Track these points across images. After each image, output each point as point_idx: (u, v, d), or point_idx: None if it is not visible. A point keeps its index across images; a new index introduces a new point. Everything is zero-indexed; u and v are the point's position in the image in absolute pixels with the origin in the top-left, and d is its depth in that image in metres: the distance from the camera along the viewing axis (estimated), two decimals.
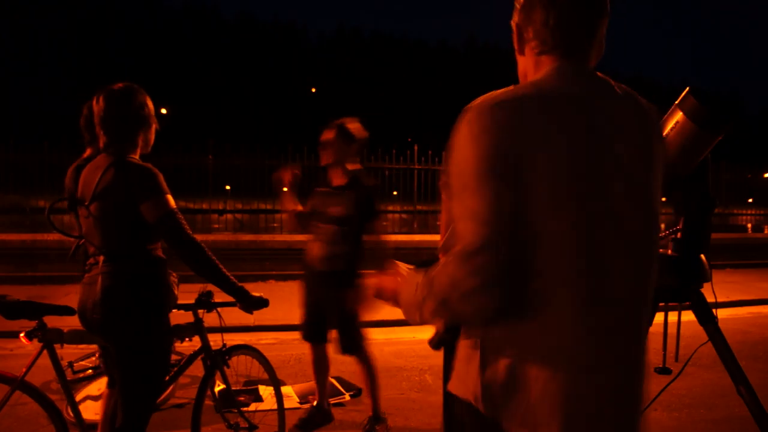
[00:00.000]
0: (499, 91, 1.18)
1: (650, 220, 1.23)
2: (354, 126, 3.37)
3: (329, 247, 3.29)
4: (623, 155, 1.18)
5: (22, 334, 2.39)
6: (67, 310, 2.37)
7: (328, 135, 3.33)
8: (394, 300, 1.31)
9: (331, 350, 3.48)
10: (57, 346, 2.43)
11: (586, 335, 1.15)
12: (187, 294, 2.65)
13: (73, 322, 2.44)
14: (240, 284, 2.43)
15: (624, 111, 1.22)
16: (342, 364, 3.82)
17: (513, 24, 1.30)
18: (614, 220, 1.16)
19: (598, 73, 1.25)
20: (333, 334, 3.40)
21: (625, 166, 1.18)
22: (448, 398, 1.30)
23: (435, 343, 1.47)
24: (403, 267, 1.35)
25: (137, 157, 2.31)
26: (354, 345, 3.33)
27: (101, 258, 2.22)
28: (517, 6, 1.28)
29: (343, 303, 3.28)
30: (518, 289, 1.11)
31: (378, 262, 3.26)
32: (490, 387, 1.17)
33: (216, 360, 2.73)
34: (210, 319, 2.76)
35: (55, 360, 2.40)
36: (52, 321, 2.39)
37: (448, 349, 2.04)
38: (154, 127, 2.38)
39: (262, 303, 2.53)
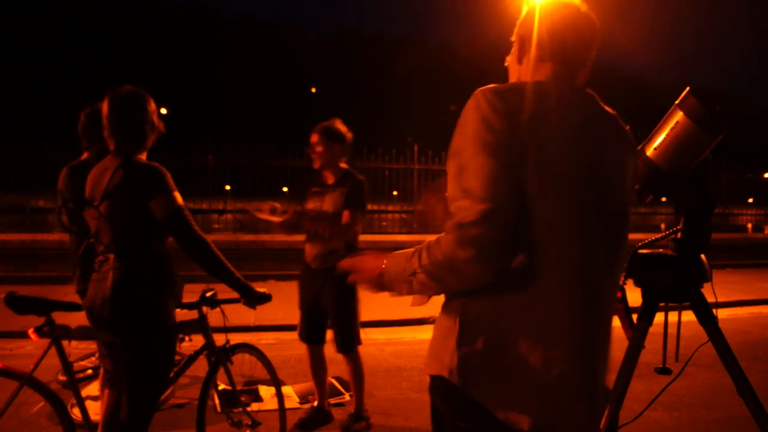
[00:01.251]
0: (497, 84, 1.28)
1: (624, 217, 1.35)
2: (337, 126, 3.41)
3: (324, 245, 3.32)
4: (605, 157, 1.30)
5: (30, 330, 2.41)
6: (74, 306, 2.44)
7: (313, 139, 3.39)
8: (378, 279, 1.32)
9: (328, 350, 3.49)
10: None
11: (572, 313, 1.22)
12: (191, 294, 2.68)
13: (75, 322, 2.45)
14: (245, 280, 2.50)
15: (605, 121, 1.35)
16: (342, 364, 3.81)
17: (515, 36, 1.43)
18: (597, 211, 1.26)
19: (587, 89, 1.38)
20: (330, 333, 3.42)
21: (606, 166, 1.30)
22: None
23: None
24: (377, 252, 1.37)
25: (144, 157, 2.38)
26: (350, 343, 3.35)
27: (111, 256, 2.27)
28: (520, 21, 1.42)
29: (341, 301, 3.30)
30: (509, 263, 1.17)
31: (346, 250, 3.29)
32: (466, 359, 1.20)
33: (220, 356, 2.75)
34: (212, 319, 2.77)
35: (62, 356, 2.42)
36: (55, 319, 2.40)
37: None
38: (157, 129, 2.44)
39: (266, 298, 2.61)
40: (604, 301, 1.29)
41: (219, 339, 2.79)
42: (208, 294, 2.73)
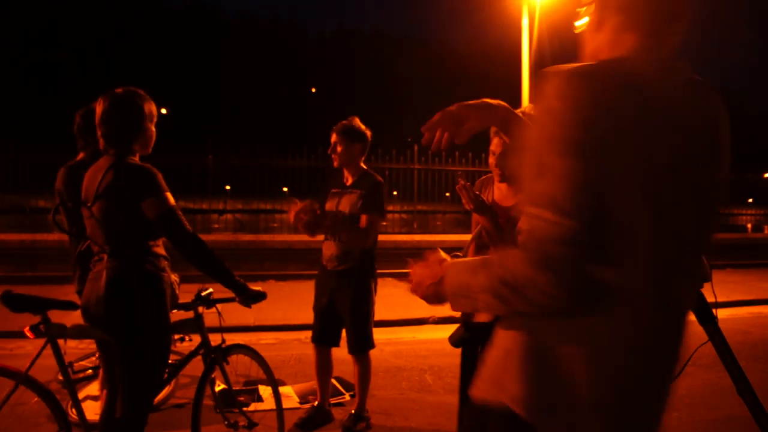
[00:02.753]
0: (583, 64, 1.07)
1: (712, 218, 1.17)
2: (356, 125, 3.40)
3: (339, 246, 3.31)
4: (695, 147, 1.09)
5: (26, 328, 2.41)
6: (70, 305, 2.43)
7: (332, 138, 3.38)
8: (436, 292, 1.20)
9: (335, 351, 3.49)
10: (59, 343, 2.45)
11: (654, 337, 1.08)
12: (187, 294, 2.68)
13: (71, 321, 2.45)
14: (239, 279, 2.49)
15: (698, 102, 1.13)
16: (342, 364, 3.81)
17: (591, 1, 1.19)
18: (684, 213, 1.08)
19: (678, 62, 1.15)
20: (343, 334, 3.41)
21: (697, 158, 1.09)
22: (469, 402, 1.20)
23: (456, 340, 1.44)
24: (443, 255, 1.25)
25: (137, 159, 2.38)
26: (363, 346, 3.33)
27: (105, 256, 2.28)
28: None
29: (355, 303, 3.29)
30: (591, 283, 1.00)
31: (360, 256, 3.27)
32: (534, 388, 1.06)
33: (216, 356, 2.75)
34: (209, 319, 2.77)
35: (58, 355, 2.41)
36: (54, 318, 2.41)
37: (467, 348, 2.00)
38: (153, 130, 2.44)
39: (260, 296, 2.60)
40: (684, 319, 1.14)
41: (217, 339, 2.79)
42: (204, 293, 2.74)
